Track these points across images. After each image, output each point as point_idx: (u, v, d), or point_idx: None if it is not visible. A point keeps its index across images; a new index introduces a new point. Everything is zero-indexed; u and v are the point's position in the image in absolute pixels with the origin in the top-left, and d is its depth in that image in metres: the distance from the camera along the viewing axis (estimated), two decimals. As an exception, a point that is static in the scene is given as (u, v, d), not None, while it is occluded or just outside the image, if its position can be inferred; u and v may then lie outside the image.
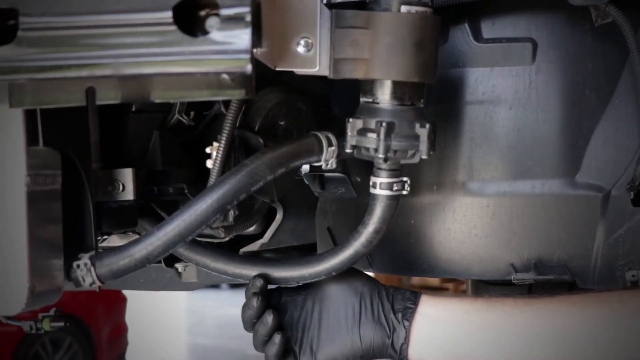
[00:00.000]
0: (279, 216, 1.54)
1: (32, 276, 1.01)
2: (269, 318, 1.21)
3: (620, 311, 1.17)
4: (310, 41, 1.11)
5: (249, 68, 0.88)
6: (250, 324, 1.23)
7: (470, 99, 1.31)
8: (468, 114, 1.31)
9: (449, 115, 1.31)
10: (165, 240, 1.08)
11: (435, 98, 1.31)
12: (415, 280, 10.67)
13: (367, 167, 1.39)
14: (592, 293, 1.23)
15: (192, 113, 1.31)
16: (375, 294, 1.24)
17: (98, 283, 1.09)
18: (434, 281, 10.58)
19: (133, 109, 1.25)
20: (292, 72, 1.28)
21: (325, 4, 1.11)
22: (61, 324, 1.68)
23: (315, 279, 1.24)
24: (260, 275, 1.23)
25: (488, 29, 1.30)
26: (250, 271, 1.27)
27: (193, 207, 1.08)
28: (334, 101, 1.45)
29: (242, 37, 0.87)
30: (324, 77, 1.40)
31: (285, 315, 1.26)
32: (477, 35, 1.30)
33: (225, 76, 0.93)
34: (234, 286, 11.09)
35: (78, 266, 1.08)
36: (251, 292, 1.22)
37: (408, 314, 1.21)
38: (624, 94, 1.25)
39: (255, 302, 1.21)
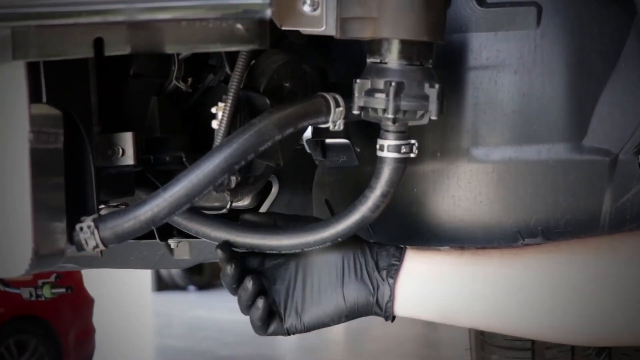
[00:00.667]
0: (274, 189, 1.51)
1: (36, 237, 0.97)
2: (249, 284, 1.20)
3: (609, 258, 1.17)
4: (316, 0, 1.08)
5: (268, 13, 0.85)
6: (231, 289, 1.23)
7: (474, 64, 1.29)
8: (472, 79, 1.29)
9: (452, 81, 1.29)
10: (171, 201, 1.05)
11: (439, 64, 1.28)
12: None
13: (368, 137, 1.37)
14: (580, 240, 1.22)
15: (189, 80, 1.28)
16: (358, 252, 1.24)
17: (101, 246, 1.05)
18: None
19: (131, 73, 1.21)
20: (291, 42, 1.26)
21: (326, -35, 1.09)
22: (62, 290, 1.63)
23: (321, 246, 1.21)
24: (224, 243, 1.22)
25: (492, -7, 1.28)
26: (253, 240, 1.23)
27: (200, 167, 1.05)
28: (331, 70, 1.42)
29: (261, -19, 0.85)
30: (322, 46, 1.38)
31: (269, 279, 1.25)
32: (481, 0, 1.28)
33: (239, 26, 0.90)
34: (202, 288, 11.03)
35: (81, 229, 1.05)
36: (222, 261, 1.21)
37: (393, 271, 1.21)
38: (630, 57, 1.24)
39: (229, 270, 1.20)
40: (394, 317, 1.22)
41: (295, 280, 1.24)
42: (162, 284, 11.06)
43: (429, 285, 1.20)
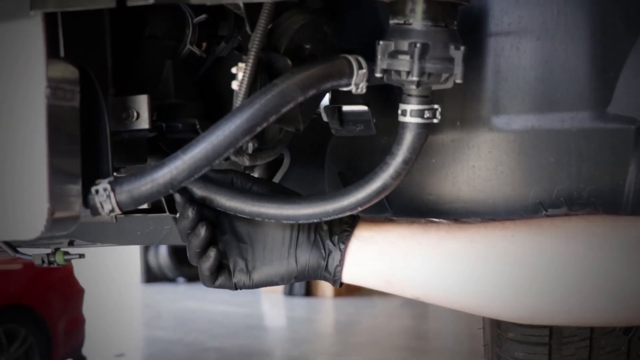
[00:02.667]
0: (286, 162, 1.47)
1: (52, 198, 0.93)
2: (202, 230, 1.19)
3: (551, 236, 1.19)
4: (340, -43, 1.05)
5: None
6: (184, 234, 1.22)
7: (495, 30, 1.26)
8: (493, 46, 1.26)
9: (472, 48, 1.26)
10: (190, 163, 1.01)
11: (459, 30, 1.26)
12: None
13: (384, 107, 1.34)
14: (525, 219, 1.24)
15: (203, 44, 1.25)
16: None
17: (117, 211, 1.02)
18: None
19: (146, 35, 1.17)
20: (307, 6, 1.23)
21: None
22: (75, 256, 1.59)
23: (340, 214, 1.18)
24: (183, 189, 1.20)
25: (514, -43, 1.25)
26: (269, 209, 1.20)
27: (221, 128, 1.01)
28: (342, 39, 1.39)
29: None
30: (336, 13, 1.35)
31: (222, 232, 1.25)
32: (503, -36, 1.25)
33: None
34: (191, 280, 10.99)
35: (97, 191, 1.01)
36: (183, 202, 1.20)
37: (344, 237, 1.23)
38: (655, 23, 1.21)
39: (190, 212, 1.19)
40: (341, 283, 1.24)
41: (248, 237, 1.25)
42: (151, 276, 11.02)
43: (376, 253, 1.22)
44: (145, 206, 1.49)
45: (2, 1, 0.91)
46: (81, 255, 1.61)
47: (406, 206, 1.37)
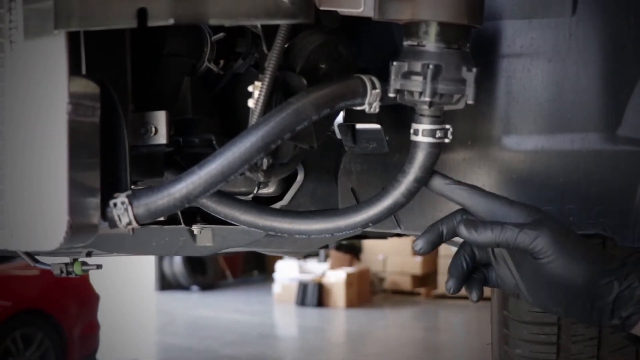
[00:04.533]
0: (299, 177, 1.50)
1: (72, 210, 0.96)
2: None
3: None
4: (356, -20, 1.07)
5: (316, -17, 0.84)
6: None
7: (507, 52, 1.28)
8: (505, 67, 1.28)
9: (485, 68, 1.28)
10: (206, 179, 1.03)
11: (472, 52, 1.28)
12: (388, 284, 10.73)
13: (397, 125, 1.36)
14: None
15: (221, 62, 1.28)
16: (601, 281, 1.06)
17: (134, 224, 1.04)
18: (406, 285, 10.67)
19: (165, 52, 1.20)
20: (323, 26, 1.25)
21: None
22: (93, 267, 1.62)
23: (351, 231, 1.20)
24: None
25: (527, -20, 1.27)
26: (282, 224, 1.22)
27: (237, 145, 1.04)
28: (359, 58, 1.41)
29: (311, -49, 0.84)
30: (353, 32, 1.37)
31: None
32: (516, -13, 1.27)
33: (284, -1, 0.89)
34: (205, 288, 11.03)
35: (115, 205, 1.04)
36: None
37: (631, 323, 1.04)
38: (666, 47, 1.23)
39: None
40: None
41: None
42: (165, 283, 11.06)
43: None
44: (161, 218, 1.51)
45: (27, 20, 0.94)
46: (99, 266, 1.64)
47: (417, 223, 1.39)
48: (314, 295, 10.00)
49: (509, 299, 1.87)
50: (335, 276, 10.00)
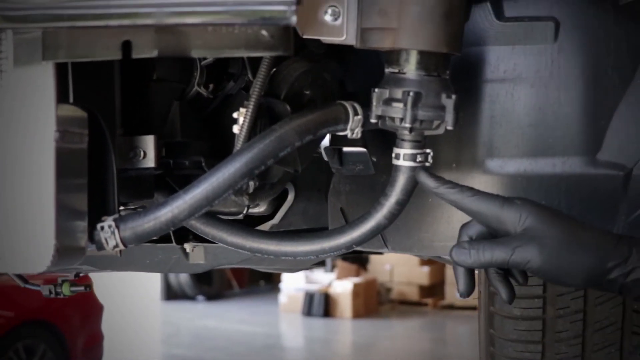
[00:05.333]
0: (290, 197, 1.52)
1: (59, 234, 0.99)
2: None
3: None
4: (337, 9, 1.10)
5: (293, 20, 0.87)
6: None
7: (491, 77, 1.31)
8: (489, 92, 1.31)
9: (469, 93, 1.31)
10: (191, 203, 1.06)
11: (456, 76, 1.31)
12: (395, 294, 10.74)
13: (384, 147, 1.38)
14: None
15: (210, 86, 1.31)
16: None
17: (121, 246, 1.07)
18: (413, 296, 10.67)
19: (154, 77, 1.23)
20: (310, 50, 1.28)
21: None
22: (80, 288, 1.66)
23: (336, 252, 1.23)
24: None
25: (510, 7, 1.30)
26: (268, 246, 1.26)
27: (221, 171, 1.07)
28: (348, 81, 1.44)
29: (288, -12, 0.87)
30: (341, 56, 1.40)
31: None
32: (499, 14, 1.30)
33: (264, 32, 0.92)
34: (210, 298, 11.06)
35: (102, 228, 1.07)
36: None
37: None
38: (646, 73, 1.26)
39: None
40: None
41: None
42: (171, 293, 11.08)
43: None
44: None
45: (17, 50, 0.97)
46: (86, 287, 1.67)
47: (403, 243, 1.42)
48: (321, 305, 10.01)
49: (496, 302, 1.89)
50: (341, 286, 10.01)
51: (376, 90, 1.14)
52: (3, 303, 5.55)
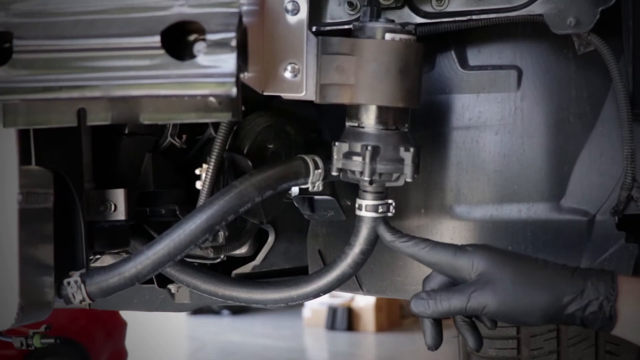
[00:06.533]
0: (270, 239, 1.56)
1: (22, 293, 1.03)
2: None
3: None
4: (297, 67, 1.14)
5: (234, 91, 0.90)
6: None
7: (457, 124, 1.33)
8: (455, 139, 1.34)
9: (436, 140, 1.34)
10: (154, 259, 1.10)
11: (423, 123, 1.34)
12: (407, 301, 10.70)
13: (356, 191, 1.41)
14: None
15: (184, 136, 1.34)
16: None
17: (88, 300, 1.11)
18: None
19: (126, 132, 1.27)
20: (283, 98, 1.31)
21: (311, 31, 1.14)
22: (51, 340, 1.70)
23: (304, 300, 1.26)
24: None
25: (474, 56, 1.33)
26: (240, 293, 1.29)
27: (182, 227, 1.10)
28: (323, 125, 1.47)
29: (227, 62, 0.90)
30: (313, 102, 1.44)
31: None
32: (464, 63, 1.33)
33: (212, 99, 0.96)
34: (235, 313, 11.10)
35: (69, 283, 1.11)
36: None
37: None
38: (607, 120, 1.28)
39: None
40: None
41: None
42: (196, 308, 11.13)
43: None
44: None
45: (-20, 117, 1.01)
46: (57, 339, 1.71)
47: (377, 286, 1.44)
48: (344, 319, 10.01)
49: None
50: (364, 300, 9.99)
51: (337, 143, 1.17)
52: (29, 321, 5.63)
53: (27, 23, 0.94)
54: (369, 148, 1.14)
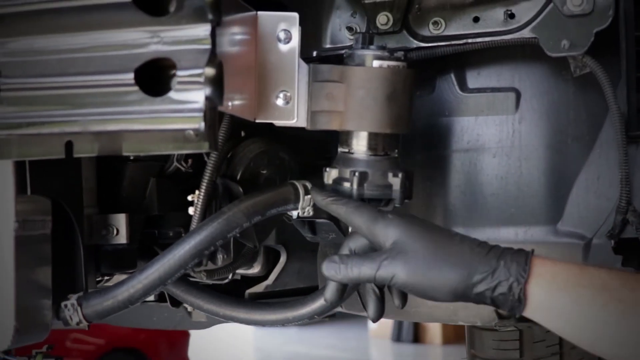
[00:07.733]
0: (282, 259, 1.59)
1: (18, 316, 1.08)
2: None
3: None
4: (288, 94, 1.16)
5: (202, 126, 0.94)
6: None
7: (455, 147, 1.34)
8: (453, 161, 1.35)
9: (435, 162, 1.35)
10: (146, 283, 1.14)
11: (422, 146, 1.35)
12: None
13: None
14: None
15: (190, 160, 1.38)
16: None
17: (84, 322, 1.16)
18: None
19: (131, 157, 1.32)
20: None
21: (303, 59, 1.17)
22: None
23: (299, 321, 1.29)
24: None
25: (473, 79, 1.34)
26: (239, 314, 1.33)
27: (172, 252, 1.14)
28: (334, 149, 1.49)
29: (196, 97, 0.94)
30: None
31: None
32: (463, 85, 1.34)
33: (190, 132, 0.99)
34: (302, 324, 11.15)
35: (66, 306, 1.16)
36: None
37: None
38: (605, 142, 1.27)
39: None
40: None
41: None
42: (262, 318, 11.21)
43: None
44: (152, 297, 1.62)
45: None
46: (58, 359, 1.77)
47: (358, 303, 1.45)
48: (410, 330, 9.96)
49: None
50: (431, 312, 9.92)
51: (327, 169, 1.20)
52: (94, 330, 5.77)
53: (13, 62, 0.99)
54: (357, 174, 1.17)
